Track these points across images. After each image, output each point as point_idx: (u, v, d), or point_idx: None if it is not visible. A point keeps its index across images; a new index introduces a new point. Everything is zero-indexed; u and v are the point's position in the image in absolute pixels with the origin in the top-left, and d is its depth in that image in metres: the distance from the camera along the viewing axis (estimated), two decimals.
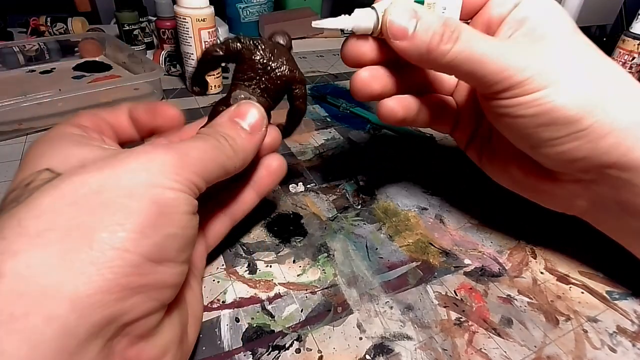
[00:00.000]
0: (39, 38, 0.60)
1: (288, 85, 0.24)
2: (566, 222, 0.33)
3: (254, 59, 0.23)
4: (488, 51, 0.21)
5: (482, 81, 0.22)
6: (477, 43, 0.21)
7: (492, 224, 0.32)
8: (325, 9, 0.92)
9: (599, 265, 0.29)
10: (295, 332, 0.23)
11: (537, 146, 0.23)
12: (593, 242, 0.31)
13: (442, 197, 0.35)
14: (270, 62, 0.23)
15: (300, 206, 0.33)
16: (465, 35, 0.21)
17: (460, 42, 0.21)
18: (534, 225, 0.33)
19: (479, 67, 0.21)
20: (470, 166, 0.32)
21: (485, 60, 0.21)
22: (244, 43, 0.23)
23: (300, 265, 0.27)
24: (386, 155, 0.41)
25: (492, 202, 0.35)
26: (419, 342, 0.23)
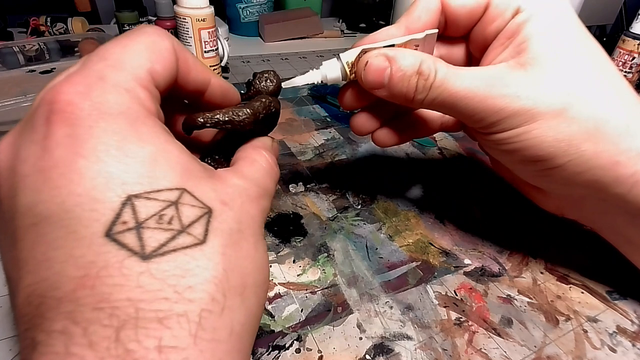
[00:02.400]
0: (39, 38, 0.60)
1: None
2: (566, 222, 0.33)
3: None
4: (467, 89, 0.20)
5: (463, 119, 0.22)
6: (454, 83, 0.20)
7: (492, 224, 0.32)
8: (325, 9, 0.92)
9: (599, 266, 0.29)
10: (295, 332, 0.23)
11: (525, 177, 0.24)
12: (593, 243, 0.31)
13: (443, 197, 0.35)
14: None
15: (300, 206, 0.33)
16: (441, 77, 0.21)
17: (435, 88, 0.21)
18: (534, 225, 0.33)
19: (460, 106, 0.21)
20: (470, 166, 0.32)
21: (464, 100, 0.21)
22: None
23: (300, 265, 0.27)
24: (386, 155, 0.41)
25: (492, 202, 0.35)
26: (419, 342, 0.23)
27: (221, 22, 0.68)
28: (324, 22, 0.83)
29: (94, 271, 0.11)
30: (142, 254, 0.12)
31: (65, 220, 0.11)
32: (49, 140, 0.12)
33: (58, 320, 0.11)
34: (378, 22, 0.83)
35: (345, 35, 0.81)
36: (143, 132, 0.13)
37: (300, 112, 0.48)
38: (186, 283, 0.12)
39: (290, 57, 0.67)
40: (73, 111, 0.12)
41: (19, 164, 0.12)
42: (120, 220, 0.12)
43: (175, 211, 0.13)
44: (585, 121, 0.20)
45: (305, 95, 0.53)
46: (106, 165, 0.12)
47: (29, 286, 0.11)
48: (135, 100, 0.14)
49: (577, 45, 0.21)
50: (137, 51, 0.15)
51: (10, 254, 0.12)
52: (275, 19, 0.74)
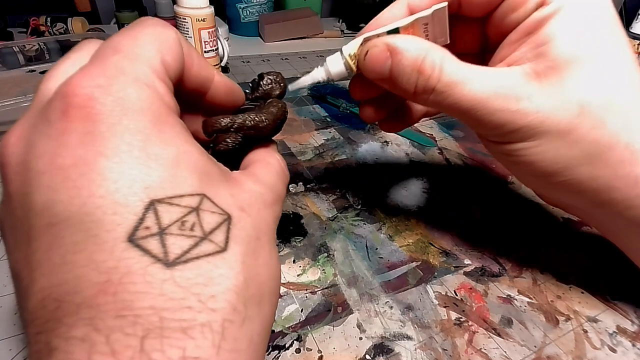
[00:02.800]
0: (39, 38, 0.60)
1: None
2: (566, 222, 0.33)
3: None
4: (475, 99, 0.19)
5: (466, 123, 0.21)
6: (462, 90, 0.19)
7: (492, 224, 0.32)
8: (325, 9, 0.92)
9: (599, 266, 0.29)
10: (295, 332, 0.23)
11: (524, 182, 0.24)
12: (593, 243, 0.31)
13: (443, 197, 0.35)
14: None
15: (300, 206, 0.33)
16: (446, 81, 0.19)
17: (438, 93, 0.19)
18: (534, 225, 0.33)
19: (466, 115, 0.20)
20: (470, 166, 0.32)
21: (470, 110, 0.19)
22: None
23: (300, 265, 0.27)
24: (386, 155, 0.41)
25: (492, 202, 0.35)
26: (419, 342, 0.23)
27: (221, 22, 0.68)
28: (324, 22, 0.83)
29: (117, 277, 0.11)
30: (166, 261, 0.11)
31: (85, 223, 0.11)
32: (67, 136, 0.12)
33: (78, 326, 0.10)
34: None
35: (345, 35, 0.81)
36: (165, 132, 0.13)
37: (300, 112, 0.48)
38: (209, 292, 0.12)
39: (290, 57, 0.67)
40: (94, 106, 0.12)
41: (34, 160, 0.12)
42: (143, 226, 0.11)
43: (196, 217, 0.12)
44: (589, 144, 0.19)
45: (305, 95, 0.53)
46: (129, 167, 0.12)
47: (44, 289, 0.11)
48: (156, 95, 0.13)
49: (606, 52, 0.19)
50: (147, 42, 0.14)
51: (20, 253, 0.12)
52: (275, 19, 0.74)
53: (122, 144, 0.12)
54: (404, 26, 0.20)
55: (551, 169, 0.20)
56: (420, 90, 0.20)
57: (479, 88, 0.19)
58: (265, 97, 0.21)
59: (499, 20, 0.21)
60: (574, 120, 0.19)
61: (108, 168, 0.11)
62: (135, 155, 0.12)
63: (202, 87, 0.18)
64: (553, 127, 0.19)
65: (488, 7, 0.21)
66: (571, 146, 0.19)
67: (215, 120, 0.17)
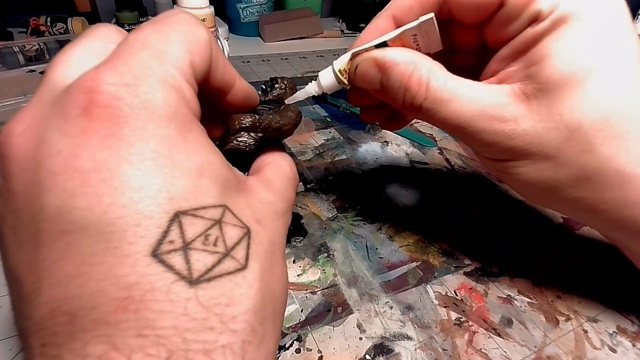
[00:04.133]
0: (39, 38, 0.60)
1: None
2: (566, 222, 0.33)
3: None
4: (460, 119, 0.19)
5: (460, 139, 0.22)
6: (447, 108, 0.19)
7: (492, 224, 0.32)
8: (325, 9, 0.92)
9: (599, 266, 0.29)
10: (295, 332, 0.23)
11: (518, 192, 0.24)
12: (593, 243, 0.31)
13: (443, 197, 0.35)
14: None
15: (300, 206, 0.33)
16: (432, 99, 0.19)
17: (425, 111, 0.19)
18: (534, 225, 0.33)
19: (452, 131, 0.20)
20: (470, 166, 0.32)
21: (456, 128, 0.19)
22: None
23: (300, 265, 0.27)
24: (386, 155, 0.41)
25: (492, 202, 0.35)
26: (419, 342, 0.23)
27: (221, 22, 0.68)
28: (324, 22, 0.83)
29: (139, 294, 0.10)
30: (190, 279, 0.11)
31: (105, 233, 0.10)
32: (88, 136, 0.11)
33: (94, 344, 0.10)
34: None
35: (345, 35, 0.81)
36: (190, 141, 0.12)
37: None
38: (231, 313, 0.11)
39: (290, 57, 0.67)
40: (120, 107, 0.11)
41: (47, 158, 0.11)
42: (168, 239, 0.11)
43: (219, 231, 0.12)
44: (576, 169, 0.18)
45: None
46: (154, 176, 0.11)
47: (54, 301, 0.10)
48: (182, 101, 0.12)
49: (604, 72, 0.17)
50: (178, 41, 0.13)
51: (23, 256, 0.11)
52: (275, 19, 0.74)
53: (147, 150, 0.11)
54: (392, 39, 0.20)
55: (538, 188, 0.20)
56: (408, 106, 0.20)
57: (465, 107, 0.19)
58: (277, 101, 0.21)
59: (495, 31, 0.20)
60: (562, 145, 0.18)
61: (132, 175, 0.11)
62: (160, 164, 0.11)
63: (223, 90, 0.17)
64: (539, 150, 0.19)
65: (479, 15, 0.20)
66: (557, 169, 0.19)
67: (244, 117, 0.18)
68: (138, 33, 0.13)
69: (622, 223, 0.20)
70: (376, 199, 0.34)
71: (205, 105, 0.17)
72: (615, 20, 0.18)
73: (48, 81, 0.13)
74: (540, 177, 0.19)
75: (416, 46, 0.20)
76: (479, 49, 0.22)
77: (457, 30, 0.22)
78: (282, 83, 0.22)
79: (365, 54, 0.20)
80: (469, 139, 0.20)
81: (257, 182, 0.16)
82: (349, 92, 0.25)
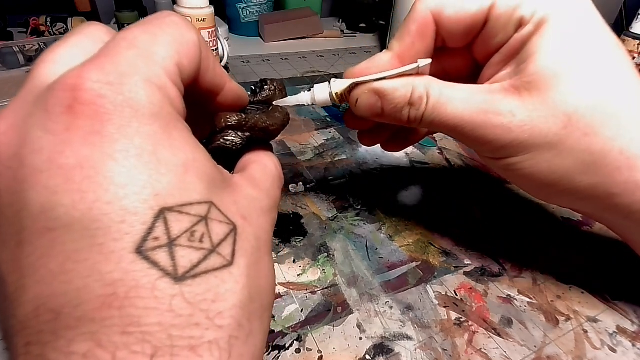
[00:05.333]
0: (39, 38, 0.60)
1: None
2: (566, 222, 0.33)
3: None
4: (459, 117, 0.20)
5: (461, 142, 0.22)
6: (446, 110, 0.20)
7: (492, 224, 0.32)
8: (325, 9, 0.92)
9: (599, 266, 0.29)
10: (295, 332, 0.23)
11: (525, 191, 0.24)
12: (593, 243, 0.31)
13: (443, 197, 0.35)
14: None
15: (300, 206, 0.33)
16: (433, 103, 0.20)
17: (427, 116, 0.20)
18: (534, 225, 0.33)
19: (455, 133, 0.21)
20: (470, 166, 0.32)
21: (457, 128, 0.20)
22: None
23: (300, 265, 0.27)
24: (386, 155, 0.41)
25: (492, 202, 0.35)
26: (419, 342, 0.23)
27: (221, 22, 0.68)
28: (324, 22, 0.83)
29: (123, 290, 0.10)
30: (175, 275, 0.11)
31: (90, 230, 0.10)
32: (72, 133, 0.11)
33: (79, 341, 0.10)
34: (378, 22, 0.83)
35: (345, 35, 0.81)
36: (175, 138, 0.12)
37: (300, 112, 0.48)
38: (217, 309, 0.11)
39: (290, 57, 0.67)
40: (103, 105, 0.11)
41: (30, 155, 0.11)
42: (152, 236, 0.11)
43: (205, 228, 0.12)
44: (582, 153, 0.19)
45: None
46: (139, 172, 0.11)
47: (37, 298, 0.10)
48: (167, 100, 0.13)
49: (592, 61, 0.18)
50: (166, 42, 0.13)
51: (6, 255, 0.11)
52: (275, 19, 0.74)
53: (132, 147, 0.11)
54: (391, 76, 0.21)
55: (549, 180, 0.20)
56: (412, 119, 0.21)
57: (460, 106, 0.19)
58: (266, 102, 0.21)
59: (483, 46, 0.21)
60: (562, 131, 0.18)
61: (117, 172, 0.11)
62: (146, 160, 0.11)
63: (213, 92, 0.17)
64: (541, 139, 0.19)
65: (468, 37, 0.21)
66: (564, 156, 0.19)
67: (230, 116, 0.18)
68: (126, 33, 0.13)
69: (635, 208, 0.20)
70: (376, 199, 0.34)
71: (195, 106, 0.18)
72: (588, 16, 0.19)
73: (33, 79, 0.12)
74: (550, 167, 0.19)
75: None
76: (471, 73, 0.24)
77: (448, 57, 0.24)
78: (272, 85, 0.22)
79: (364, 86, 0.21)
80: (471, 139, 0.20)
81: (243, 179, 0.16)
82: (345, 117, 0.26)
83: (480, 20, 0.20)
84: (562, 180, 0.20)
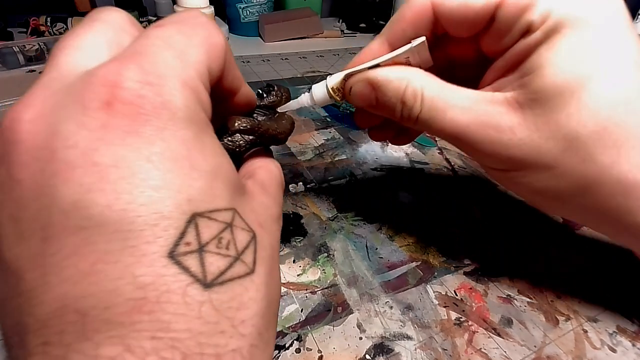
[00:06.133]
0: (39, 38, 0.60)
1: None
2: (566, 222, 0.33)
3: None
4: (456, 127, 0.19)
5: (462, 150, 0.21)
6: (443, 118, 0.19)
7: (492, 224, 0.32)
8: (325, 9, 0.92)
9: (599, 266, 0.29)
10: (295, 332, 0.23)
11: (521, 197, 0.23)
12: (593, 243, 0.31)
13: (443, 197, 0.35)
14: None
15: (300, 206, 0.33)
16: (427, 109, 0.19)
17: (422, 121, 0.20)
18: (534, 225, 0.33)
19: (451, 141, 0.20)
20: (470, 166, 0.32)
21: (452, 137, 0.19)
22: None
23: (300, 265, 0.27)
24: (386, 155, 0.41)
25: (492, 202, 0.35)
26: (419, 342, 0.23)
27: (221, 22, 0.68)
28: (324, 22, 0.83)
29: (153, 294, 0.10)
30: (204, 282, 0.11)
31: (123, 232, 0.10)
32: (108, 131, 0.10)
33: (107, 345, 0.09)
34: (378, 22, 0.83)
35: (345, 35, 0.81)
36: (206, 143, 0.12)
37: (300, 112, 0.48)
38: (240, 317, 0.11)
39: (290, 57, 0.67)
40: (143, 105, 0.11)
41: (63, 149, 0.10)
42: (184, 241, 0.11)
43: (231, 235, 0.12)
44: (577, 179, 0.18)
45: None
46: (173, 176, 0.11)
47: (62, 298, 0.10)
48: (199, 105, 0.12)
49: (601, 79, 0.17)
50: (200, 44, 0.13)
51: (29, 250, 0.10)
52: (275, 19, 0.74)
53: (167, 150, 0.11)
54: (384, 62, 0.20)
55: (543, 197, 0.20)
56: (406, 118, 0.20)
57: (459, 115, 0.19)
58: (271, 107, 0.22)
59: (490, 42, 0.20)
60: (560, 155, 0.18)
61: (152, 174, 0.11)
62: (180, 165, 0.11)
63: (230, 93, 0.17)
64: (539, 160, 0.18)
65: (471, 30, 0.19)
66: (558, 179, 0.19)
67: (244, 120, 0.18)
68: (161, 31, 0.13)
69: (629, 229, 0.19)
70: (376, 199, 0.34)
71: None
72: (612, 25, 0.17)
73: (57, 66, 0.12)
74: (542, 187, 0.19)
75: (407, 64, 0.21)
76: (478, 61, 0.22)
77: (453, 44, 0.22)
78: (279, 91, 0.22)
79: (358, 75, 0.21)
80: (469, 149, 0.20)
81: (255, 186, 0.16)
82: (355, 115, 0.26)
83: (485, 17, 0.18)
84: (558, 199, 0.20)
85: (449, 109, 0.19)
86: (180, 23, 0.13)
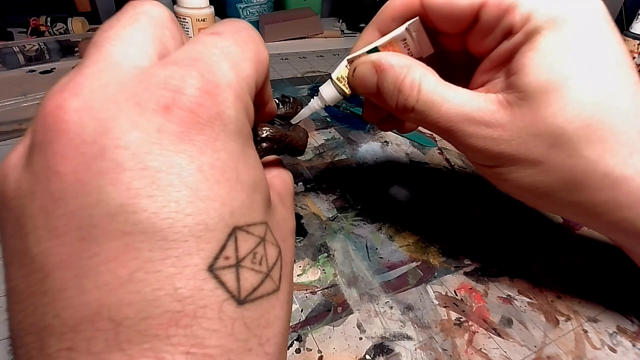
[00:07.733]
0: (39, 38, 0.60)
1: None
2: (566, 222, 0.33)
3: None
4: (449, 122, 0.19)
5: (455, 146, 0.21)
6: (438, 111, 0.19)
7: (492, 224, 0.32)
8: (325, 9, 0.92)
9: (599, 266, 0.29)
10: (295, 332, 0.23)
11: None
12: (593, 243, 0.31)
13: (443, 196, 0.35)
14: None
15: (300, 206, 0.33)
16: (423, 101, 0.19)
17: (418, 113, 0.20)
18: (534, 225, 0.33)
19: (444, 136, 0.21)
20: (470, 166, 0.32)
21: (446, 132, 0.20)
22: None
23: (300, 265, 0.27)
24: (386, 155, 0.41)
25: (492, 202, 0.35)
26: (419, 342, 0.23)
27: None
28: (324, 22, 0.83)
29: (191, 308, 0.10)
30: (238, 298, 0.11)
31: (167, 241, 0.10)
32: (163, 136, 0.10)
33: (139, 357, 0.09)
34: None
35: (345, 35, 0.81)
36: (250, 156, 0.12)
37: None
38: (267, 335, 0.11)
39: (290, 57, 0.67)
40: (200, 114, 0.11)
41: (114, 149, 0.10)
42: (224, 255, 0.10)
43: (263, 250, 0.12)
44: (564, 174, 0.19)
45: (305, 95, 0.53)
46: (220, 188, 0.11)
47: (96, 304, 0.09)
48: (246, 118, 0.12)
49: (585, 76, 0.17)
50: (250, 58, 0.13)
51: (61, 248, 0.10)
52: (275, 19, 0.74)
53: (217, 161, 0.11)
54: (382, 44, 0.21)
55: (533, 193, 0.20)
56: (401, 108, 0.20)
57: (453, 110, 0.19)
58: (284, 117, 0.22)
59: (475, 41, 0.20)
60: (547, 151, 0.18)
61: (201, 185, 0.10)
62: (228, 177, 0.11)
63: (260, 105, 0.17)
64: (527, 155, 0.19)
65: (457, 28, 0.20)
66: (546, 174, 0.19)
67: (272, 129, 0.18)
68: (218, 40, 0.13)
69: (619, 224, 0.20)
70: (376, 199, 0.34)
71: None
72: (593, 25, 0.18)
73: (106, 56, 0.11)
74: (530, 182, 0.19)
75: (407, 51, 0.21)
76: (469, 61, 0.23)
77: (443, 36, 0.22)
78: (294, 103, 0.23)
79: (363, 57, 0.21)
80: (460, 144, 0.20)
81: (276, 198, 0.16)
82: (363, 110, 0.26)
83: (469, 17, 0.19)
84: (546, 195, 0.20)
85: (444, 103, 0.19)
86: (235, 34, 0.13)
